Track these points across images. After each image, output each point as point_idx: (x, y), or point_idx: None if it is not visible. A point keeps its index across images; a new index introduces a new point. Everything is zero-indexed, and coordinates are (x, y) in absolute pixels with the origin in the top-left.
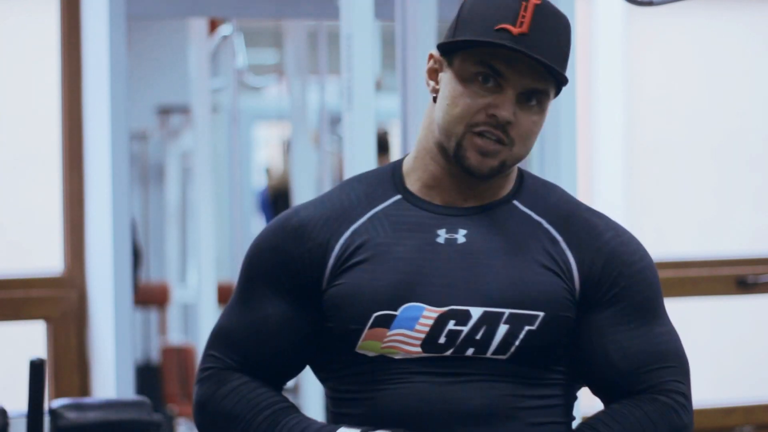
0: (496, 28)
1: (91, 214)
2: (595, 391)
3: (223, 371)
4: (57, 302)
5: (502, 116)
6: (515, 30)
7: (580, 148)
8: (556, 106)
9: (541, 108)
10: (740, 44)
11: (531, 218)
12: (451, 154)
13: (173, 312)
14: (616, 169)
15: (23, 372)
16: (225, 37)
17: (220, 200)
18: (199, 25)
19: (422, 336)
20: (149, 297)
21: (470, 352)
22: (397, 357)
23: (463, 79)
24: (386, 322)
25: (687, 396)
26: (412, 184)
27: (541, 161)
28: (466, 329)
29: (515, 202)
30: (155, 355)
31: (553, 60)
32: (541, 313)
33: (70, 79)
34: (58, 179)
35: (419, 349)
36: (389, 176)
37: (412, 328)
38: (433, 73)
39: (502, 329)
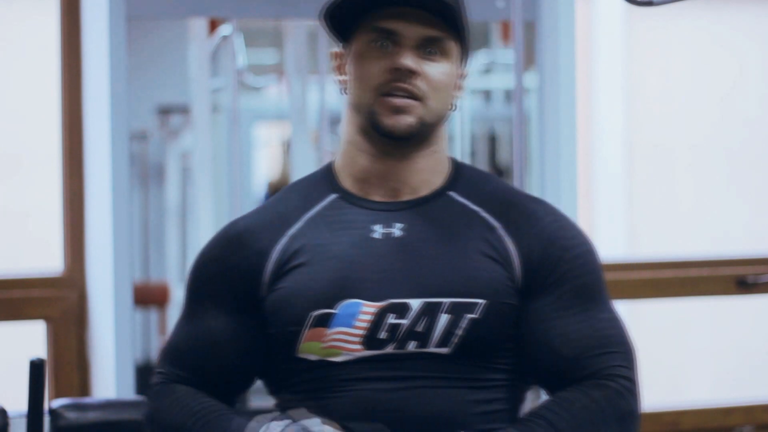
0: None
1: (91, 214)
2: (541, 381)
3: (170, 384)
4: (57, 302)
5: (403, 64)
6: None
7: (580, 148)
8: (556, 106)
9: (446, 56)
10: (740, 44)
11: (467, 207)
12: (370, 126)
13: (173, 312)
14: (616, 169)
15: (23, 372)
16: (225, 37)
17: (220, 200)
18: (199, 25)
19: (362, 333)
20: (149, 297)
21: (412, 345)
22: (338, 360)
23: (362, 54)
24: (325, 321)
25: (633, 381)
26: (345, 180)
27: (541, 161)
28: (406, 322)
29: (451, 193)
30: (155, 355)
31: (443, 5)
32: (483, 301)
33: (70, 79)
34: (58, 179)
35: (360, 347)
36: (323, 177)
37: (351, 325)
38: (339, 70)
39: (444, 319)
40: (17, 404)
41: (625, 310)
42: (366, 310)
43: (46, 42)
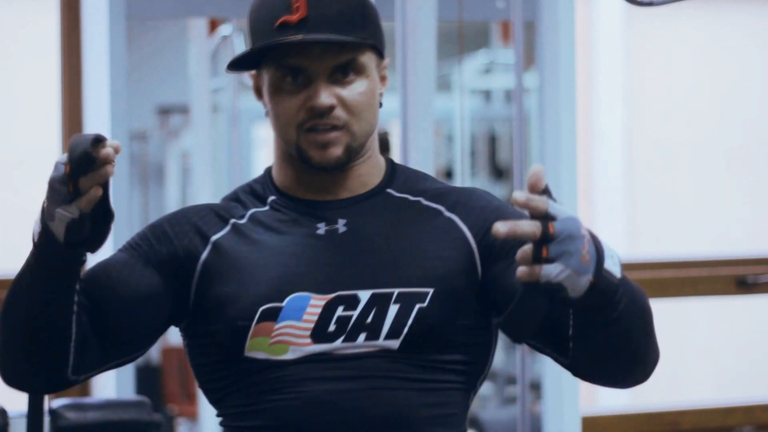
0: (276, 25)
1: None
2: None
3: None
4: None
5: (319, 104)
6: (294, 18)
7: (580, 148)
8: (556, 106)
9: (362, 73)
10: (740, 44)
11: (408, 200)
12: (299, 159)
13: None
14: (616, 169)
15: None
16: (225, 37)
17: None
18: (199, 25)
19: (311, 326)
20: None
21: (362, 338)
22: (287, 357)
23: (276, 88)
24: (273, 315)
25: None
26: (282, 187)
27: (541, 161)
28: (355, 314)
29: (389, 191)
30: (155, 355)
31: (345, 24)
32: (431, 289)
33: (70, 79)
34: None
35: (309, 340)
36: (263, 181)
37: (299, 319)
38: (258, 92)
39: (393, 309)
40: (17, 404)
41: None
42: (314, 303)
43: (46, 42)
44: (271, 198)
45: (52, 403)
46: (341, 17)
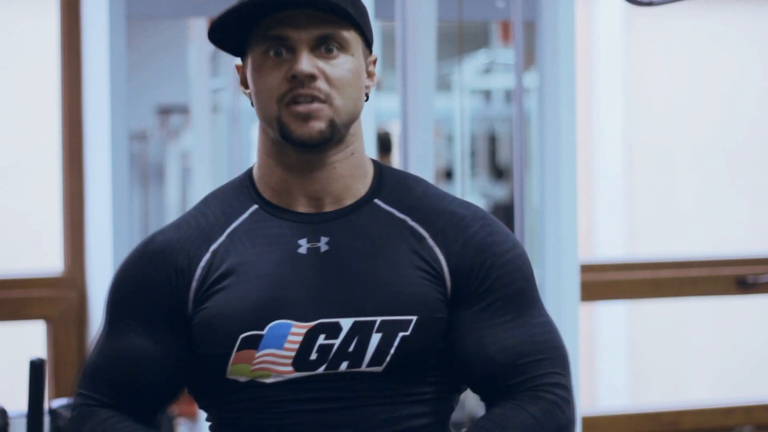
0: None
1: (91, 214)
2: (475, 388)
3: (91, 408)
4: (57, 302)
5: (300, 70)
6: None
7: (580, 148)
8: (556, 106)
9: (346, 50)
10: (740, 44)
11: (394, 216)
12: (281, 137)
13: None
14: (616, 169)
15: (23, 372)
16: None
17: None
18: (199, 25)
19: (292, 354)
20: None
21: (344, 366)
22: (268, 381)
23: (258, 66)
24: (254, 343)
25: (568, 388)
26: (265, 191)
27: (541, 161)
28: (337, 342)
29: (377, 201)
30: None
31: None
32: (414, 317)
33: (70, 79)
34: (58, 179)
35: (291, 369)
36: (243, 187)
37: (281, 347)
38: (242, 83)
39: (375, 338)
40: (17, 404)
41: (625, 310)
42: (296, 330)
43: (46, 42)
44: (253, 207)
45: (52, 403)
46: None
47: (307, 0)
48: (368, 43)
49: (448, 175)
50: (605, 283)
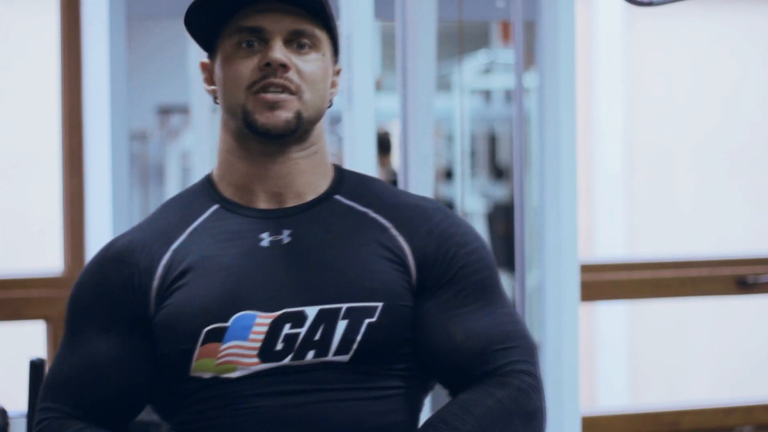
0: None
1: (91, 214)
2: (442, 378)
3: (57, 420)
4: (57, 302)
5: (273, 58)
6: None
7: (580, 148)
8: (556, 106)
9: (317, 49)
10: (741, 44)
11: (356, 209)
12: (245, 126)
13: None
14: (616, 169)
15: (23, 372)
16: None
17: None
18: None
19: (258, 345)
20: None
21: (311, 355)
22: (233, 376)
23: (230, 57)
24: (218, 336)
25: (536, 376)
26: (226, 189)
27: (541, 161)
28: (303, 331)
29: (337, 197)
30: None
31: None
32: (380, 304)
33: (70, 79)
34: (58, 179)
35: (257, 360)
36: (203, 189)
37: (246, 338)
38: (208, 82)
39: (342, 325)
40: (17, 404)
41: (625, 310)
42: (260, 321)
43: (46, 42)
44: (214, 207)
45: None
46: None
47: None
48: (336, 50)
49: (448, 175)
50: (605, 283)
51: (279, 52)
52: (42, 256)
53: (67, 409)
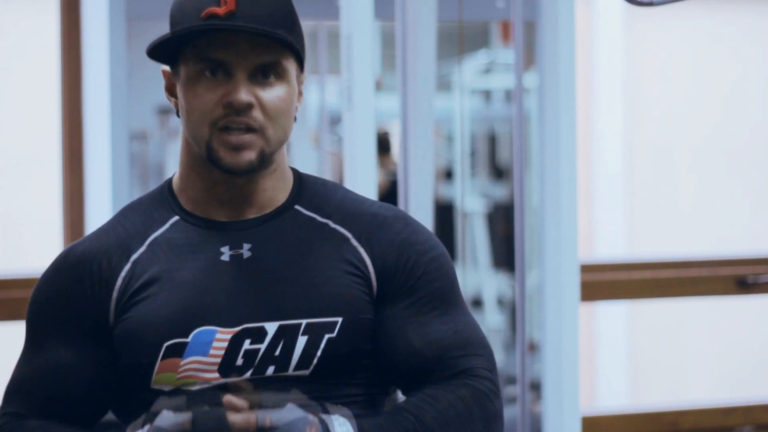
0: (203, 15)
1: (91, 214)
2: (402, 384)
3: (17, 421)
4: None
5: (238, 100)
6: (221, 10)
7: (580, 148)
8: (556, 106)
9: (283, 81)
10: (741, 44)
11: (316, 221)
12: (209, 161)
13: None
14: (616, 169)
15: None
16: None
17: None
18: None
19: (218, 360)
20: None
21: (271, 370)
22: (194, 389)
23: (192, 82)
24: (178, 351)
25: (496, 384)
26: (186, 203)
27: (541, 161)
28: (263, 347)
29: (297, 207)
30: None
31: (272, 24)
32: (339, 319)
33: (70, 79)
34: (58, 179)
35: (217, 375)
36: (162, 199)
37: (206, 354)
38: (170, 90)
39: (301, 341)
40: None
41: (625, 310)
42: (221, 337)
43: (46, 42)
44: (174, 219)
45: None
46: (270, 18)
47: (252, 29)
48: (302, 63)
49: (448, 175)
50: (605, 283)
51: (243, 91)
52: (42, 256)
53: (26, 412)
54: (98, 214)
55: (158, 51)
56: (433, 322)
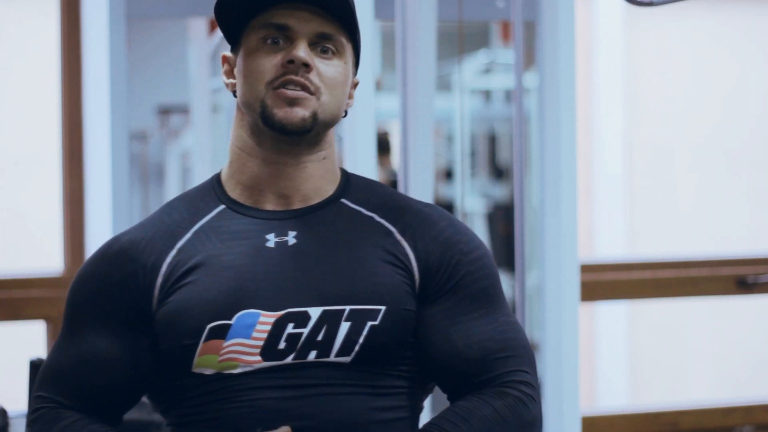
0: None
1: (91, 214)
2: (442, 383)
3: (54, 410)
4: (57, 302)
5: (297, 56)
6: None
7: (580, 148)
8: (556, 106)
9: (340, 56)
10: (741, 44)
11: (362, 214)
12: (262, 120)
13: None
14: (616, 169)
15: (23, 372)
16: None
17: None
18: (199, 25)
19: (260, 343)
20: None
21: (313, 355)
22: (235, 372)
23: (253, 51)
24: (221, 333)
25: (534, 386)
26: (233, 190)
27: (541, 161)
28: (306, 331)
29: (343, 200)
30: None
31: (337, 2)
32: (383, 307)
33: (70, 80)
34: (58, 179)
35: (259, 358)
36: (210, 189)
37: (249, 336)
38: (228, 75)
39: (344, 327)
40: (17, 404)
41: (625, 310)
42: (264, 320)
43: (46, 42)
44: (220, 207)
45: None
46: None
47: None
48: (357, 62)
49: (448, 175)
50: (605, 283)
51: (303, 51)
52: (42, 256)
53: (62, 400)
54: (98, 214)
55: (223, 19)
56: (475, 323)
